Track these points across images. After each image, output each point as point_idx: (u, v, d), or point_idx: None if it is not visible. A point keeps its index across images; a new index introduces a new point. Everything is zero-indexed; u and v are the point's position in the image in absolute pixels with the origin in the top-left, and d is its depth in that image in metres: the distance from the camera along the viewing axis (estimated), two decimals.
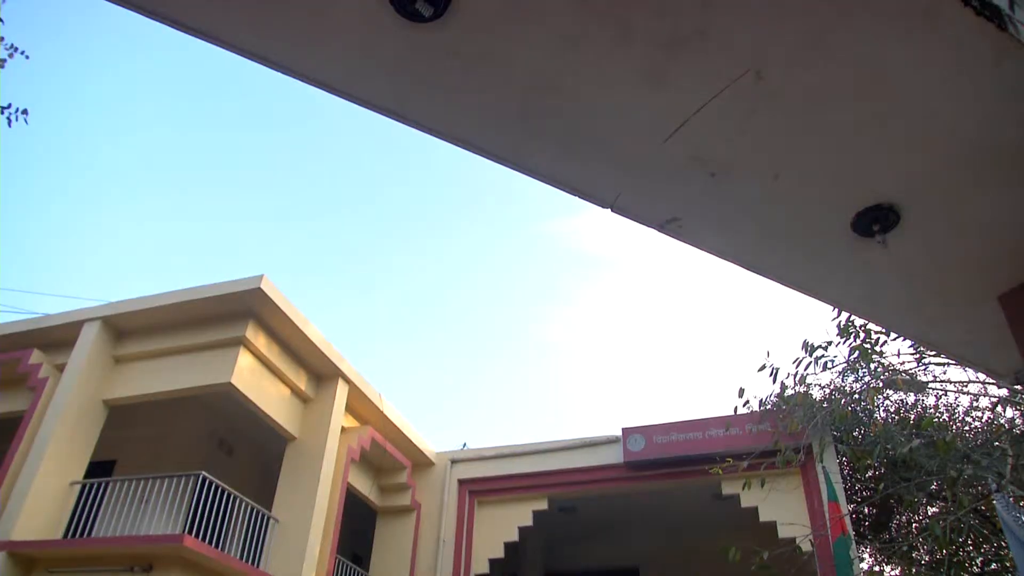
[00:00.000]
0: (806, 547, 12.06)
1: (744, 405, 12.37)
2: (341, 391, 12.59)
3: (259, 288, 10.77)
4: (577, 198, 3.05)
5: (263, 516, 11.21)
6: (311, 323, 11.87)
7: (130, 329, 11.74)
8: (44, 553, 9.76)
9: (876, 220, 3.07)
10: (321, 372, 12.57)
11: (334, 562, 11.90)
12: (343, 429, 12.73)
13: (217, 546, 10.04)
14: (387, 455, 13.84)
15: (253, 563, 10.65)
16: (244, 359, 11.04)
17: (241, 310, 11.13)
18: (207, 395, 11.75)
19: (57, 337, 11.72)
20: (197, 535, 9.70)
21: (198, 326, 11.34)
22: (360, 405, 13.30)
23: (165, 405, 11.97)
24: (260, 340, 11.28)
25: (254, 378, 11.25)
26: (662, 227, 3.18)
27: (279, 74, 2.58)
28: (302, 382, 12.21)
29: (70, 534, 10.30)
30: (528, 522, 14.74)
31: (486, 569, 14.54)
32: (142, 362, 11.61)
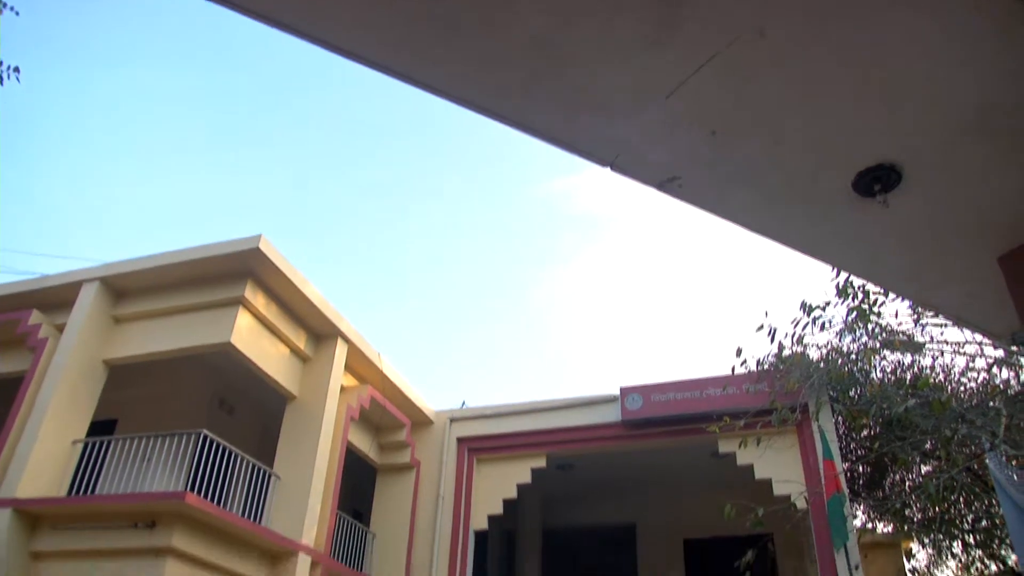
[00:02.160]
0: (801, 504, 12.22)
1: (742, 365, 12.45)
2: (340, 350, 12.64)
3: (257, 248, 10.75)
4: (576, 157, 3.03)
5: (264, 473, 11.33)
6: (309, 282, 11.87)
7: (129, 289, 11.73)
8: (49, 511, 9.87)
9: (877, 180, 3.05)
10: (320, 331, 12.60)
11: (335, 518, 12.06)
12: (342, 388, 12.80)
13: (219, 503, 10.15)
14: (386, 413, 13.94)
15: (255, 519, 10.78)
16: (243, 319, 11.06)
17: (239, 270, 11.12)
18: (207, 355, 11.79)
19: (56, 298, 11.71)
20: (199, 492, 9.82)
21: (197, 286, 11.33)
22: (359, 364, 13.36)
23: (165, 365, 12.02)
24: (259, 300, 11.29)
25: (253, 337, 11.28)
26: (661, 186, 3.15)
27: (279, 32, 2.54)
28: (301, 341, 12.25)
29: (73, 492, 10.42)
30: (526, 480, 14.90)
31: (485, 525, 14.75)
32: (141, 322, 11.62)
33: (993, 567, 16.69)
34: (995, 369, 10.79)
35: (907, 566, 17.64)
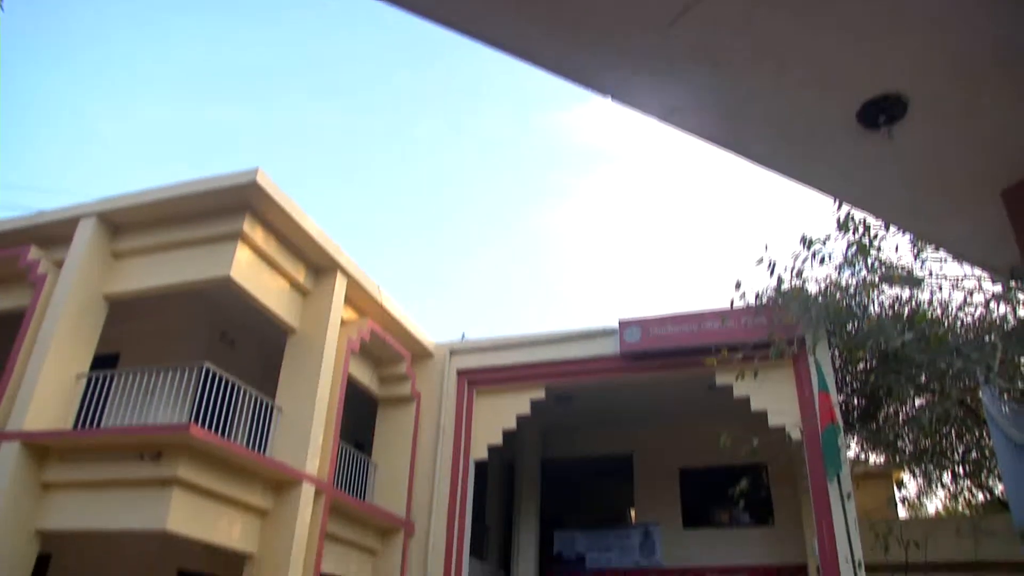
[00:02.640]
0: (795, 435, 12.43)
1: (740, 298, 12.50)
2: (340, 283, 12.66)
3: (255, 181, 10.65)
4: (578, 88, 2.97)
5: (267, 406, 11.48)
6: (308, 216, 11.81)
7: (127, 224, 11.68)
8: (57, 443, 10.03)
9: (883, 111, 3.00)
10: (319, 265, 12.60)
11: (337, 449, 12.27)
12: (342, 321, 12.86)
13: (223, 435, 10.31)
14: (386, 346, 14.05)
15: (259, 450, 10.97)
16: (242, 252, 11.03)
17: (237, 203, 11.05)
18: (207, 289, 11.81)
19: (54, 233, 11.66)
20: (203, 424, 9.95)
21: (195, 220, 11.27)
22: (359, 297, 13.40)
23: (166, 299, 12.05)
24: (257, 233, 11.25)
25: (253, 271, 11.28)
26: (663, 117, 3.10)
27: None
28: (300, 275, 12.26)
29: (79, 425, 10.56)
30: (526, 411, 15.10)
31: (485, 456, 15.02)
32: (140, 257, 11.60)
33: (981, 497, 17.08)
34: (992, 304, 10.84)
35: (897, 495, 18.06)
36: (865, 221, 11.14)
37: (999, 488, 15.89)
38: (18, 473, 9.69)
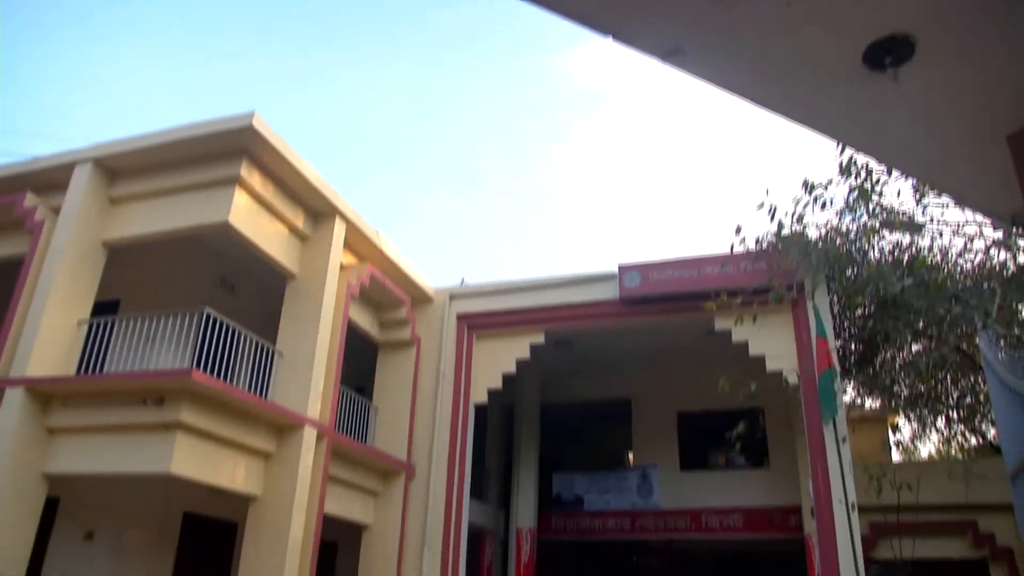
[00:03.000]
0: (793, 380, 12.53)
1: (740, 243, 12.46)
2: (339, 229, 12.61)
3: (251, 125, 10.53)
4: (578, 28, 2.90)
5: (268, 350, 11.54)
6: (305, 160, 11.70)
7: (123, 170, 11.57)
8: (60, 389, 10.11)
9: (889, 52, 2.95)
10: (318, 210, 12.53)
11: (338, 393, 12.38)
12: (342, 266, 12.86)
13: (225, 380, 10.38)
14: (386, 291, 14.07)
15: (260, 395, 11.07)
16: (240, 198, 10.96)
17: (234, 148, 10.94)
18: (207, 235, 11.77)
19: (50, 179, 11.57)
20: (205, 370, 10.02)
21: (192, 165, 11.17)
22: (358, 242, 13.37)
23: (165, 245, 12.02)
24: (255, 179, 11.16)
25: (251, 217, 11.22)
26: (665, 57, 3.04)
27: None
28: (299, 220, 12.20)
29: (82, 371, 10.63)
30: (525, 355, 15.20)
31: (484, 400, 15.16)
32: (138, 203, 11.53)
33: (973, 441, 17.32)
34: (993, 251, 10.81)
35: (891, 439, 18.30)
36: (867, 166, 11.04)
37: (992, 433, 16.11)
38: (23, 419, 9.81)
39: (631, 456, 21.17)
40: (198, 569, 12.06)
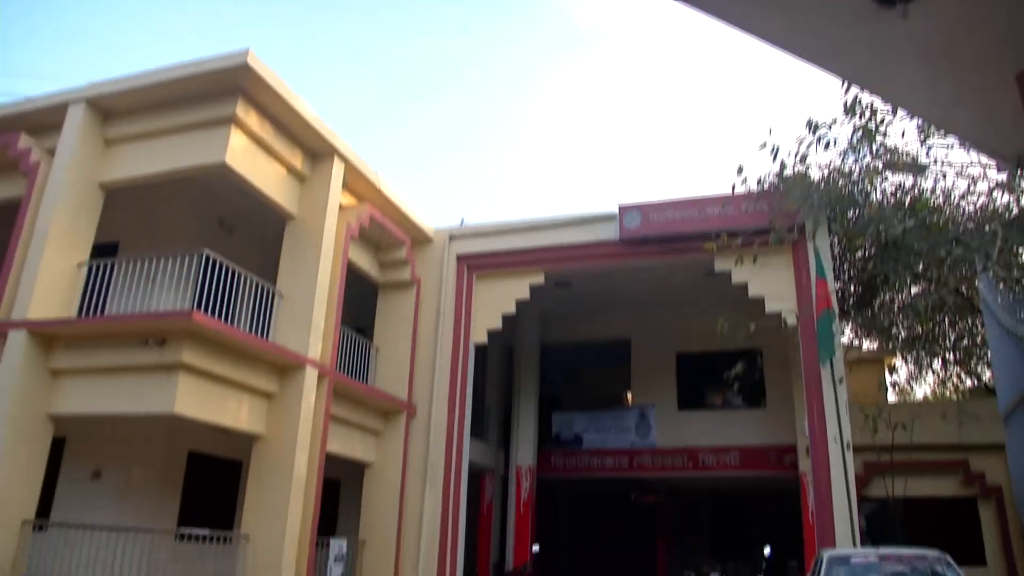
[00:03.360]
0: (791, 321, 12.58)
1: (742, 183, 12.38)
2: (337, 169, 12.50)
3: (245, 63, 10.33)
4: None
5: (268, 292, 11.55)
6: (302, 99, 11.52)
7: (117, 110, 11.40)
8: (62, 331, 10.15)
9: None
10: (316, 150, 12.40)
11: (339, 334, 12.44)
12: (341, 207, 12.78)
13: (226, 321, 10.41)
14: (386, 232, 14.02)
15: (261, 336, 11.12)
16: (236, 138, 10.83)
17: (229, 87, 10.76)
18: (204, 176, 11.66)
19: (43, 120, 11.39)
20: (205, 311, 10.04)
21: (187, 105, 11.00)
22: (357, 183, 13.26)
23: (163, 187, 11.92)
24: (251, 118, 11.01)
25: (248, 157, 11.10)
26: None
27: None
28: (297, 160, 12.08)
29: (83, 313, 10.65)
30: (525, 296, 15.23)
31: (484, 340, 15.25)
32: (133, 143, 11.38)
33: (968, 382, 17.49)
34: (996, 193, 10.74)
35: (888, 380, 18.47)
36: (872, 105, 10.90)
37: (987, 375, 16.27)
38: (26, 361, 9.88)
39: (629, 396, 21.40)
40: (204, 506, 12.30)
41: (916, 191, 12.47)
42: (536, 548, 16.81)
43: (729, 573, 13.29)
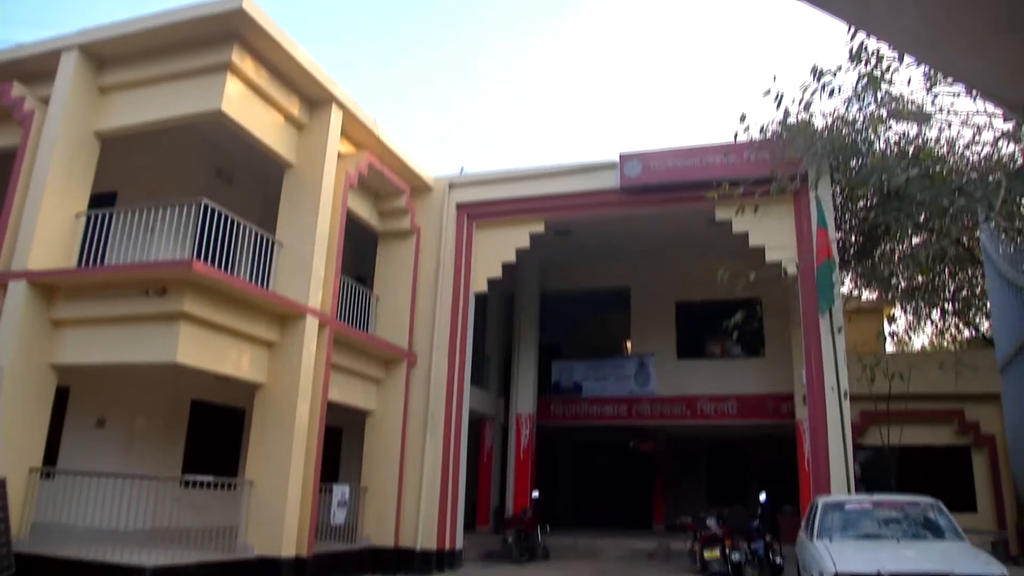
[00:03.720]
0: (791, 270, 12.58)
1: (745, 131, 12.25)
2: (335, 116, 12.34)
3: (241, 8, 10.12)
4: None
5: (267, 241, 11.52)
6: (299, 45, 11.33)
7: (111, 57, 11.20)
8: (62, 281, 10.15)
9: None
10: (313, 97, 12.23)
11: (339, 282, 12.44)
12: (340, 155, 12.66)
13: (226, 271, 10.39)
14: (385, 180, 13.92)
15: (262, 285, 11.12)
16: (232, 85, 10.67)
17: (225, 33, 10.55)
18: (201, 124, 11.53)
19: (36, 68, 11.20)
20: (205, 261, 10.01)
21: (182, 51, 10.80)
22: (355, 131, 13.11)
23: (159, 136, 11.79)
24: (247, 65, 10.83)
25: (244, 104, 10.95)
26: None
27: None
28: (295, 108, 11.93)
29: (83, 264, 10.63)
30: (525, 245, 15.19)
31: (484, 289, 15.26)
32: (128, 91, 11.21)
33: (966, 333, 17.57)
34: (1001, 143, 10.63)
35: (886, 330, 18.55)
36: (878, 52, 10.72)
37: (985, 325, 16.33)
38: (27, 311, 9.92)
39: (629, 344, 21.52)
40: (208, 454, 12.47)
41: (920, 140, 12.34)
42: (536, 494, 17.10)
43: (725, 519, 13.52)
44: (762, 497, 14.18)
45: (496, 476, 20.11)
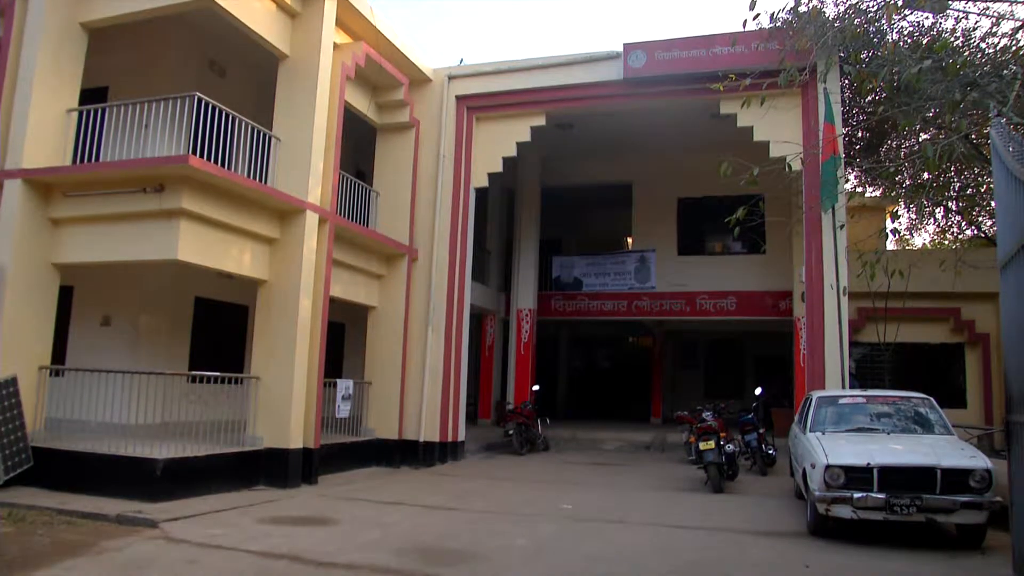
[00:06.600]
0: (796, 165, 12.41)
1: (754, 19, 11.80)
2: (329, 4, 11.86)
3: None
4: None
5: (264, 136, 11.30)
6: None
7: None
8: (58, 179, 10.00)
9: None
10: None
11: (338, 177, 12.29)
12: (336, 45, 12.27)
13: (223, 166, 10.24)
14: (383, 72, 13.54)
15: (260, 181, 10.98)
16: None
17: None
18: (190, 14, 11.11)
19: None
20: (202, 156, 9.84)
21: None
22: (351, 20, 12.66)
23: (148, 27, 11.39)
24: None
25: None
26: None
27: None
28: None
29: (77, 161, 10.45)
30: (526, 138, 14.97)
31: (485, 183, 15.13)
32: None
33: (969, 232, 17.50)
34: (1020, 34, 10.26)
35: (888, 227, 18.48)
36: None
37: (987, 224, 16.24)
38: (24, 210, 9.87)
39: (630, 240, 21.55)
40: (213, 350, 12.64)
41: (935, 31, 11.92)
42: (536, 388, 17.50)
43: (720, 412, 13.88)
44: (757, 391, 14.50)
45: (497, 370, 20.52)
